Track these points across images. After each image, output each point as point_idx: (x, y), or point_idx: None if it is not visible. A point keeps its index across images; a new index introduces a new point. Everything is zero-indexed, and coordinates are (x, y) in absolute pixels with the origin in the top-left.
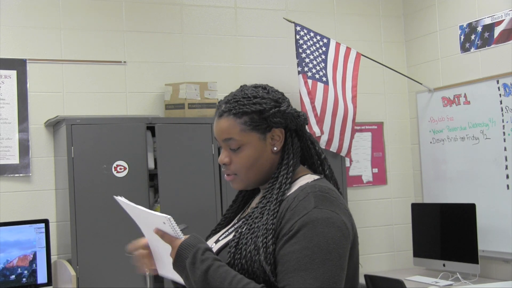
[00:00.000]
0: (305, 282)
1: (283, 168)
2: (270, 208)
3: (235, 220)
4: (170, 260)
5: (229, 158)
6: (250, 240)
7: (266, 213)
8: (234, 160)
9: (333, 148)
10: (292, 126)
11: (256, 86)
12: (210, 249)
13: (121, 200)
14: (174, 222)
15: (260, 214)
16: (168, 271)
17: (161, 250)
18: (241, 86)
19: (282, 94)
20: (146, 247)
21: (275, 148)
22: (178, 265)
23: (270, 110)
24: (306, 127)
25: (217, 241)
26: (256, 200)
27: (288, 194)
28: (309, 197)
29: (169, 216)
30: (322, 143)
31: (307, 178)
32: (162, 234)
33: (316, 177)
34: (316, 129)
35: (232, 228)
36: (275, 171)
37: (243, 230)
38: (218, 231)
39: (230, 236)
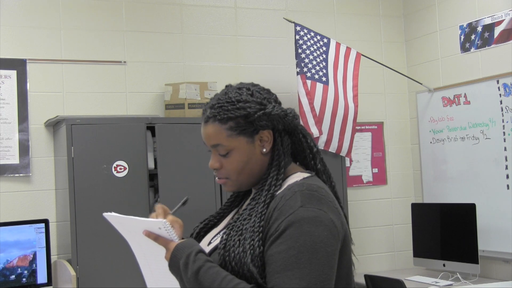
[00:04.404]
0: (291, 282)
1: (273, 170)
2: (258, 210)
3: (230, 220)
4: (160, 270)
5: (220, 163)
6: (238, 242)
7: (254, 215)
8: (224, 165)
9: (332, 148)
10: (279, 126)
11: (240, 88)
12: (203, 251)
13: (110, 215)
14: (170, 226)
15: (249, 216)
16: (158, 283)
17: (151, 260)
18: (226, 87)
19: (268, 91)
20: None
21: (264, 150)
22: (173, 266)
23: (255, 114)
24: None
25: (209, 243)
26: (248, 201)
27: (276, 194)
28: (296, 196)
29: (164, 220)
30: (321, 144)
31: (297, 177)
32: (156, 237)
33: (306, 175)
34: (314, 130)
35: (224, 230)
36: (265, 172)
37: (232, 232)
38: (212, 228)
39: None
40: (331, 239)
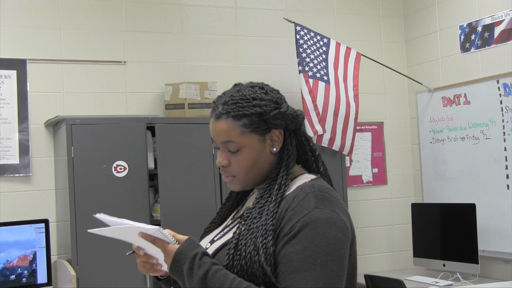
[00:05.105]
0: (307, 282)
1: (283, 170)
2: (269, 209)
3: (229, 220)
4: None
5: (228, 160)
6: (250, 241)
7: (265, 214)
8: (232, 162)
9: (336, 146)
10: (291, 126)
11: (252, 86)
12: (207, 254)
13: (102, 217)
14: (164, 231)
15: (259, 215)
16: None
17: (154, 254)
18: (236, 85)
19: (278, 92)
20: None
21: (274, 149)
22: (174, 270)
23: (270, 112)
24: (307, 124)
25: (212, 241)
26: (252, 199)
27: (286, 194)
28: (309, 197)
29: (157, 227)
30: (325, 142)
31: (305, 178)
32: (153, 239)
33: (313, 176)
34: (318, 128)
35: (227, 229)
36: (273, 171)
37: (242, 230)
38: (212, 230)
39: (226, 237)
40: (343, 241)
